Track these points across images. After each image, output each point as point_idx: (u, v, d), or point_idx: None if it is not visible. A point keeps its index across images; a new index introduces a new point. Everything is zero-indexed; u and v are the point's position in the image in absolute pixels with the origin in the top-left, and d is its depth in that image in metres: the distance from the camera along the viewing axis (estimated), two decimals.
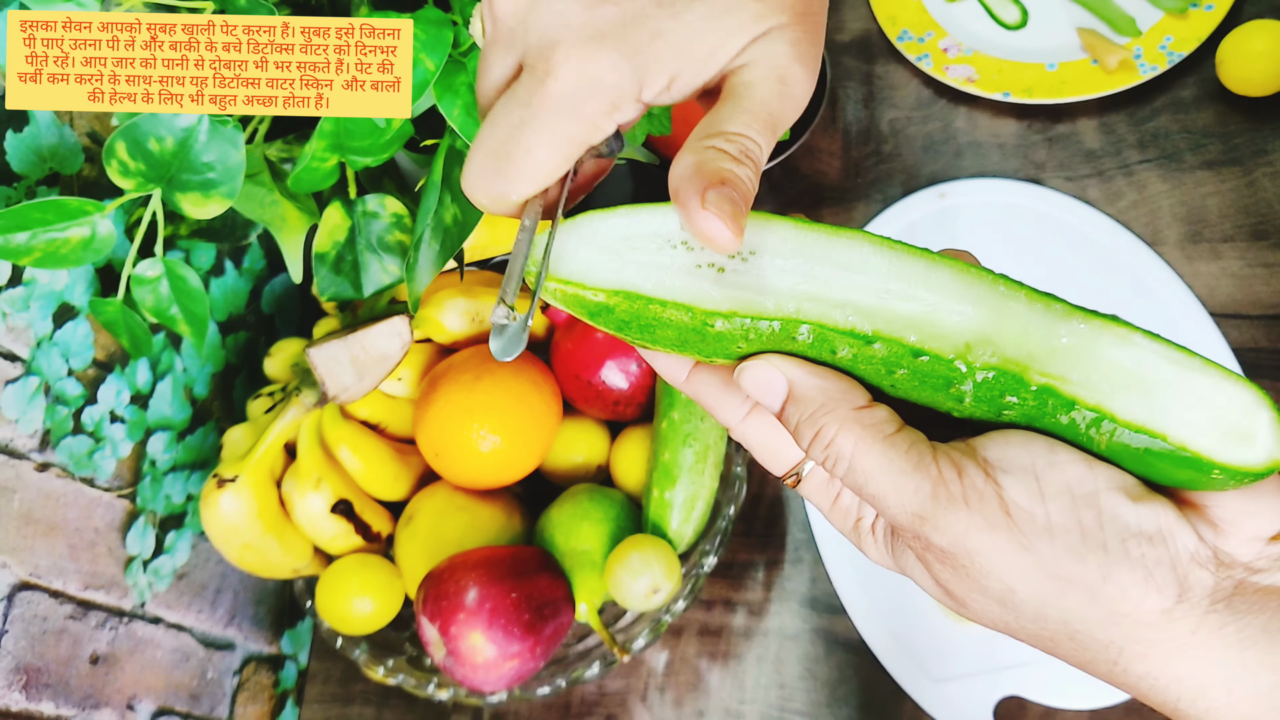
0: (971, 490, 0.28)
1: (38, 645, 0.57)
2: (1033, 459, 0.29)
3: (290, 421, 0.65)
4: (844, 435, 0.29)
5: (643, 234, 0.31)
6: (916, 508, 0.28)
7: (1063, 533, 0.28)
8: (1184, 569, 0.28)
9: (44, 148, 0.59)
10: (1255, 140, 0.69)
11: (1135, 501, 0.28)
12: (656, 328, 0.30)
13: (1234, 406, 0.28)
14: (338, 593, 0.65)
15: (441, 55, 0.48)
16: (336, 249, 0.59)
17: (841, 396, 0.30)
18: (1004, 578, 0.28)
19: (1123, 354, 0.29)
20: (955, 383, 0.29)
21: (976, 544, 0.28)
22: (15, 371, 0.56)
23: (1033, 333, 0.29)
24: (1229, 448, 0.28)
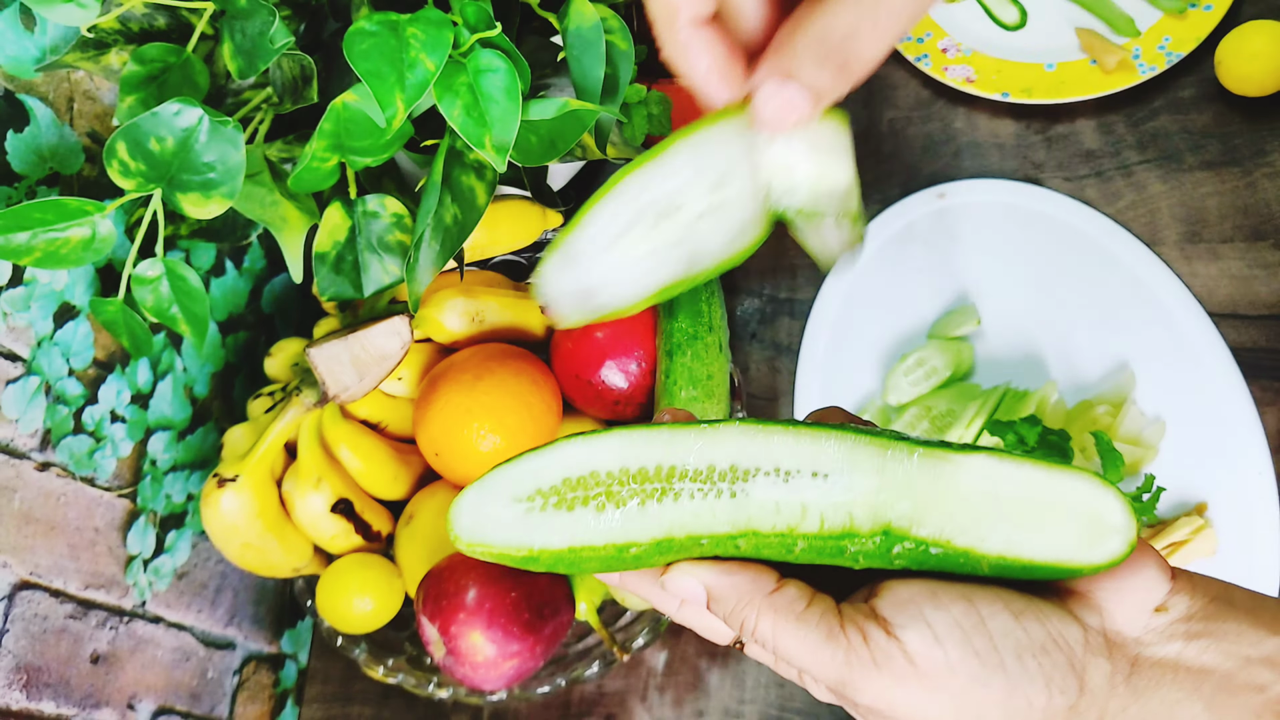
0: (878, 651, 0.31)
1: (38, 644, 0.57)
2: (920, 608, 0.31)
3: (290, 421, 0.65)
4: (762, 621, 0.32)
5: (546, 482, 0.32)
6: (835, 675, 0.31)
7: (963, 667, 0.30)
8: (1080, 663, 0.30)
9: (44, 147, 0.59)
10: (1254, 140, 0.69)
11: (1019, 619, 0.31)
12: (582, 564, 0.33)
13: (1085, 504, 0.31)
14: (338, 592, 0.66)
15: (442, 55, 0.48)
16: (337, 249, 0.59)
17: (752, 587, 0.32)
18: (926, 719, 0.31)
19: (981, 484, 0.31)
20: (846, 550, 0.32)
21: (894, 698, 0.30)
22: (16, 371, 0.56)
23: (906, 490, 0.31)
24: (1091, 548, 0.31)
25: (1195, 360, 0.64)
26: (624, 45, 0.56)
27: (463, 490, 0.33)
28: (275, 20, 0.50)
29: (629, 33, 0.56)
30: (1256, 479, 0.61)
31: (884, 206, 0.76)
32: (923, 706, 0.30)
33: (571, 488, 0.32)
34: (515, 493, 0.32)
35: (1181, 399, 0.64)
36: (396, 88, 0.48)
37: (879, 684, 0.30)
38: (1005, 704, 0.30)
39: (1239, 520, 0.61)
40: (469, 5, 0.50)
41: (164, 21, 0.57)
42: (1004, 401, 0.67)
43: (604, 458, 0.32)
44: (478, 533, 0.32)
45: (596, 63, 0.54)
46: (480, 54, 0.50)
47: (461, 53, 0.50)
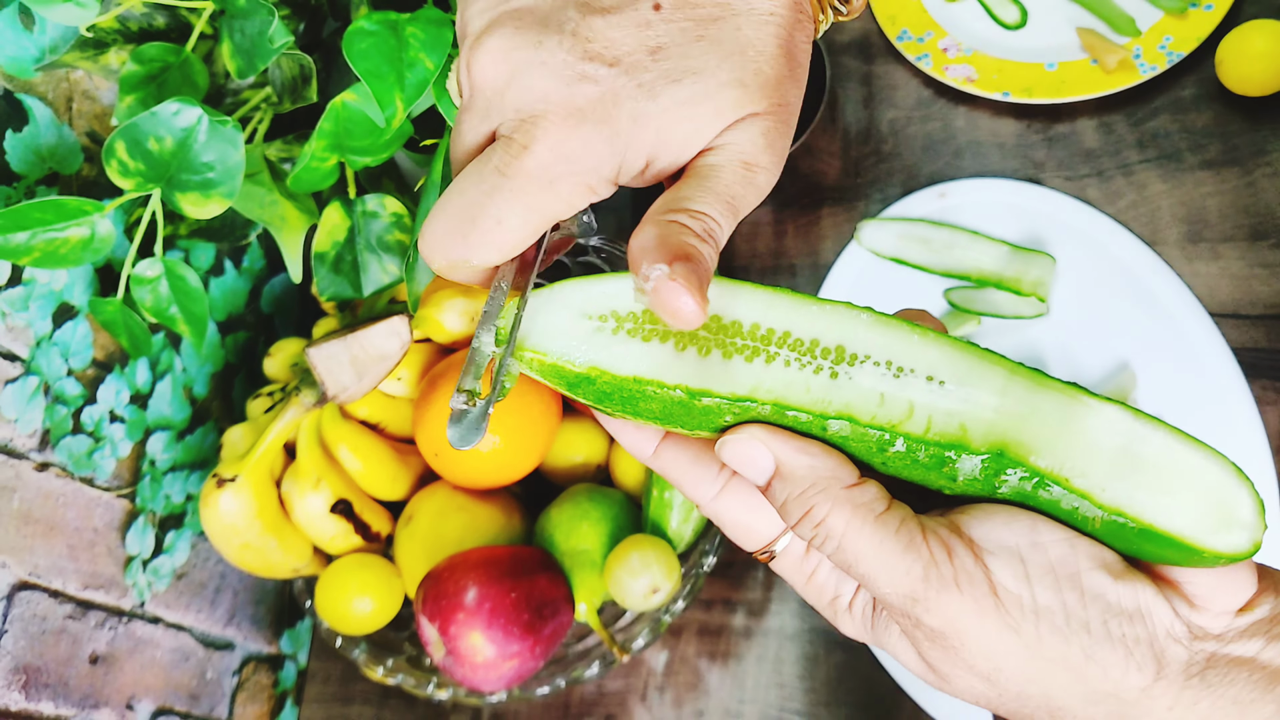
0: (962, 573, 0.28)
1: (37, 645, 0.57)
2: (1017, 540, 0.29)
3: (290, 421, 0.65)
4: (835, 515, 0.29)
5: (623, 303, 0.30)
6: (908, 589, 0.28)
7: (1048, 614, 0.28)
8: (1161, 645, 0.29)
9: (43, 147, 0.59)
10: (1255, 140, 0.69)
11: (1116, 580, 0.29)
12: (640, 400, 0.30)
13: (1218, 488, 0.29)
14: (337, 592, 0.65)
15: (441, 55, 0.48)
16: (336, 249, 0.59)
17: (831, 474, 0.29)
18: (992, 657, 0.29)
19: (1112, 436, 0.29)
20: (949, 464, 0.29)
21: (967, 626, 0.28)
22: (15, 371, 0.56)
23: (1029, 418, 0.29)
24: (1215, 534, 0.29)
25: (1196, 360, 0.64)
26: None
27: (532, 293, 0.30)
28: (274, 20, 0.50)
29: None
30: (1258, 479, 0.61)
31: (884, 206, 0.76)
32: (994, 643, 0.28)
33: (653, 320, 0.29)
34: (588, 308, 0.29)
35: (1182, 399, 0.64)
36: (396, 87, 0.48)
37: (955, 607, 0.28)
38: (1080, 667, 0.28)
39: None
40: None
41: (163, 21, 0.56)
42: None
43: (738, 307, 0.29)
44: (536, 337, 0.29)
45: None
46: None
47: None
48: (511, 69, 0.30)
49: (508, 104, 0.30)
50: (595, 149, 0.29)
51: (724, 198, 0.30)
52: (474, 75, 0.31)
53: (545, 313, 0.30)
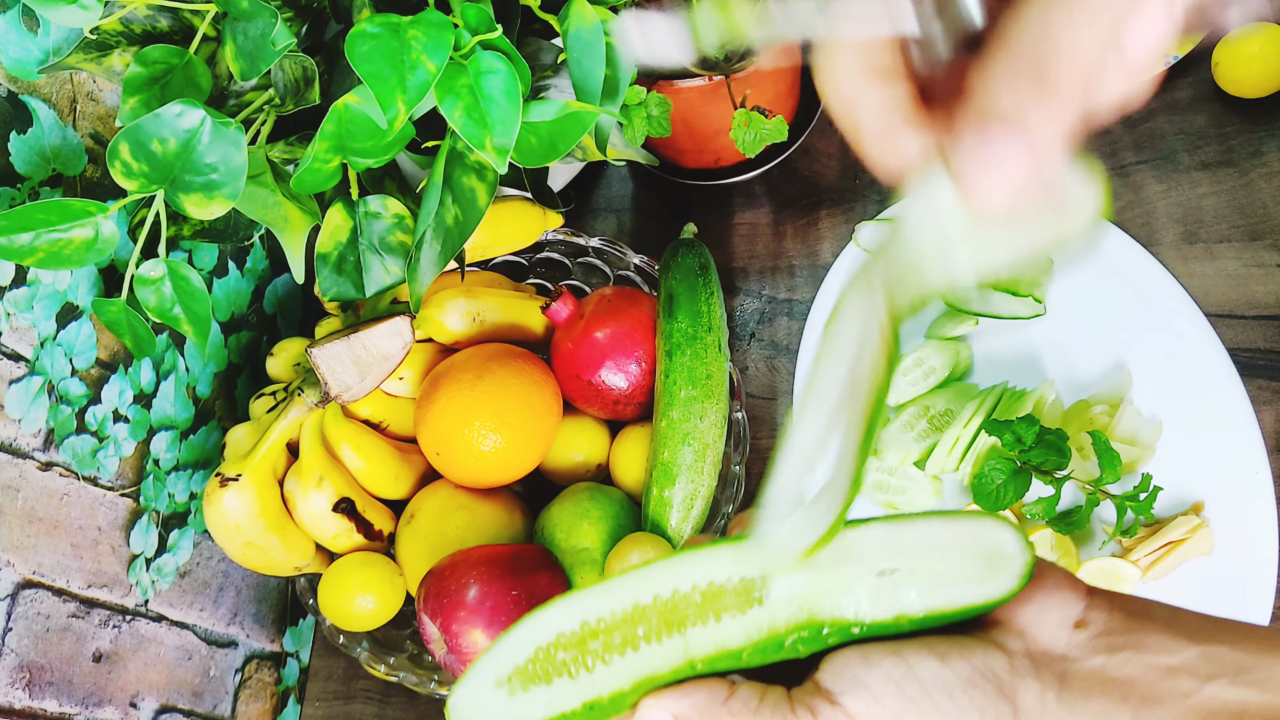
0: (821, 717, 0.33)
1: (41, 643, 0.57)
2: (855, 671, 0.33)
3: (292, 421, 0.65)
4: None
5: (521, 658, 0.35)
6: None
7: (903, 716, 0.32)
8: (1010, 688, 0.32)
9: (47, 149, 0.59)
10: (1251, 141, 0.69)
11: (944, 660, 0.32)
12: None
13: (983, 543, 0.33)
14: (340, 590, 0.66)
15: (443, 57, 0.49)
16: (339, 249, 0.59)
17: (709, 699, 0.34)
18: None
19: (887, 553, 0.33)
20: (784, 646, 0.34)
21: None
22: (19, 371, 0.56)
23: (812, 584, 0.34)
24: (994, 582, 0.33)
25: (1192, 360, 0.65)
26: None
27: (453, 686, 0.35)
28: (277, 22, 0.50)
29: None
30: (1253, 478, 0.61)
31: (883, 207, 0.77)
32: None
33: (541, 663, 0.35)
34: (497, 677, 0.35)
35: (1178, 399, 0.64)
36: (398, 89, 0.48)
37: None
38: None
39: (1236, 519, 0.62)
40: (470, 7, 0.50)
41: (166, 23, 0.57)
42: (1001, 401, 0.67)
43: (563, 619, 0.35)
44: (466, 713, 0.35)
45: (597, 64, 0.55)
46: (481, 56, 0.50)
47: (462, 55, 0.50)
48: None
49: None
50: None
51: None
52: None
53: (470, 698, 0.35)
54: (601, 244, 0.75)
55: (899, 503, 0.68)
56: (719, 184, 0.82)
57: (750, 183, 0.82)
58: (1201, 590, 0.61)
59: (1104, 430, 0.64)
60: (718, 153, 0.79)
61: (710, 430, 0.66)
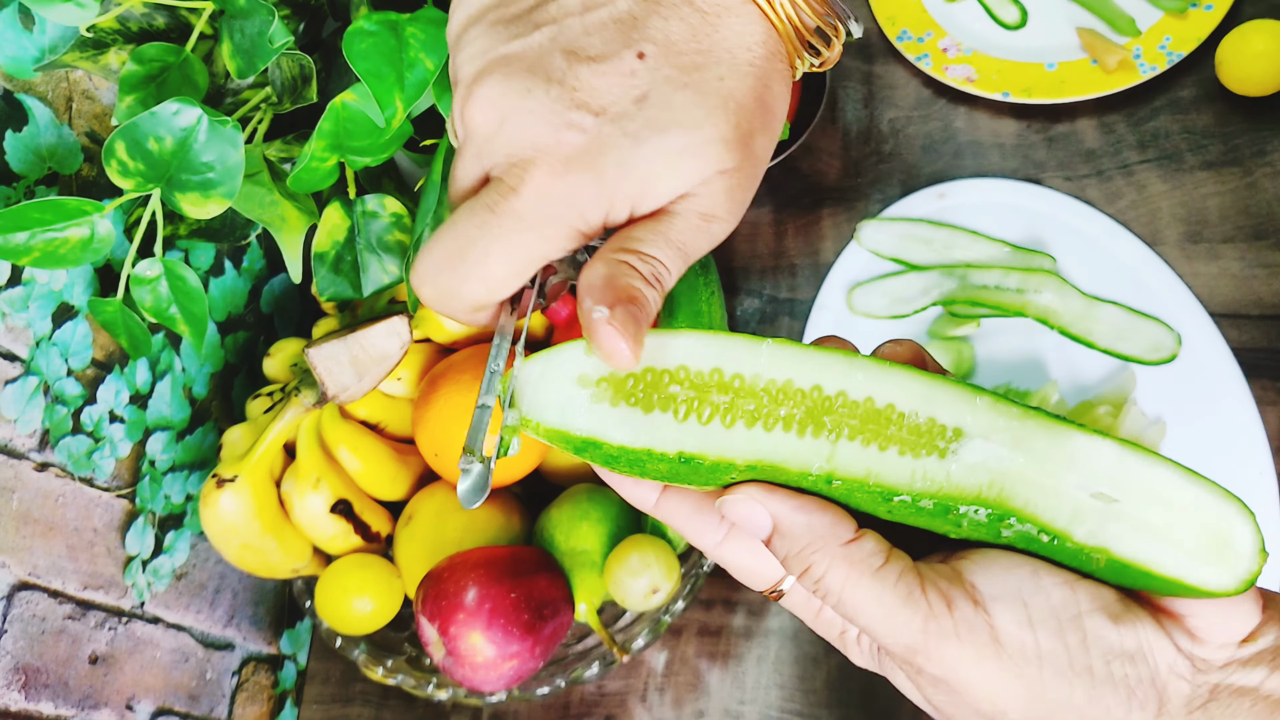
0: (962, 622, 0.29)
1: (37, 645, 0.57)
2: (1019, 585, 0.30)
3: (289, 421, 0.65)
4: (833, 572, 0.29)
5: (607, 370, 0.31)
6: (909, 640, 0.29)
7: (1051, 658, 0.29)
8: (1163, 681, 0.29)
9: (43, 147, 0.59)
10: (1255, 140, 0.69)
11: (1117, 622, 0.29)
12: (647, 463, 0.30)
13: (1213, 521, 0.29)
14: (337, 593, 0.65)
15: (441, 55, 0.48)
16: (336, 249, 0.59)
17: (828, 531, 0.30)
18: (996, 701, 0.29)
19: (1105, 475, 0.29)
20: (953, 512, 0.30)
21: (969, 673, 0.29)
22: (14, 371, 0.56)
23: (1027, 466, 0.29)
24: (1211, 570, 0.29)
25: (1196, 360, 0.64)
26: None
27: (529, 358, 0.31)
28: (274, 20, 0.50)
29: None
30: (1258, 479, 0.61)
31: (884, 206, 0.76)
32: (998, 689, 0.29)
33: (650, 385, 0.30)
34: (585, 374, 0.30)
35: (1183, 400, 0.64)
36: (396, 87, 0.48)
37: (957, 656, 0.29)
38: (1083, 709, 0.29)
39: None
40: None
41: (163, 21, 0.56)
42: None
43: (695, 353, 0.30)
44: (536, 408, 0.30)
45: None
46: None
47: None
48: (501, 116, 0.31)
49: (498, 149, 0.31)
50: (581, 194, 0.30)
51: (676, 244, 0.32)
52: (467, 121, 0.32)
53: (544, 381, 0.31)
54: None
55: None
56: None
57: None
58: None
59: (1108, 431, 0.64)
60: None
61: None
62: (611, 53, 0.30)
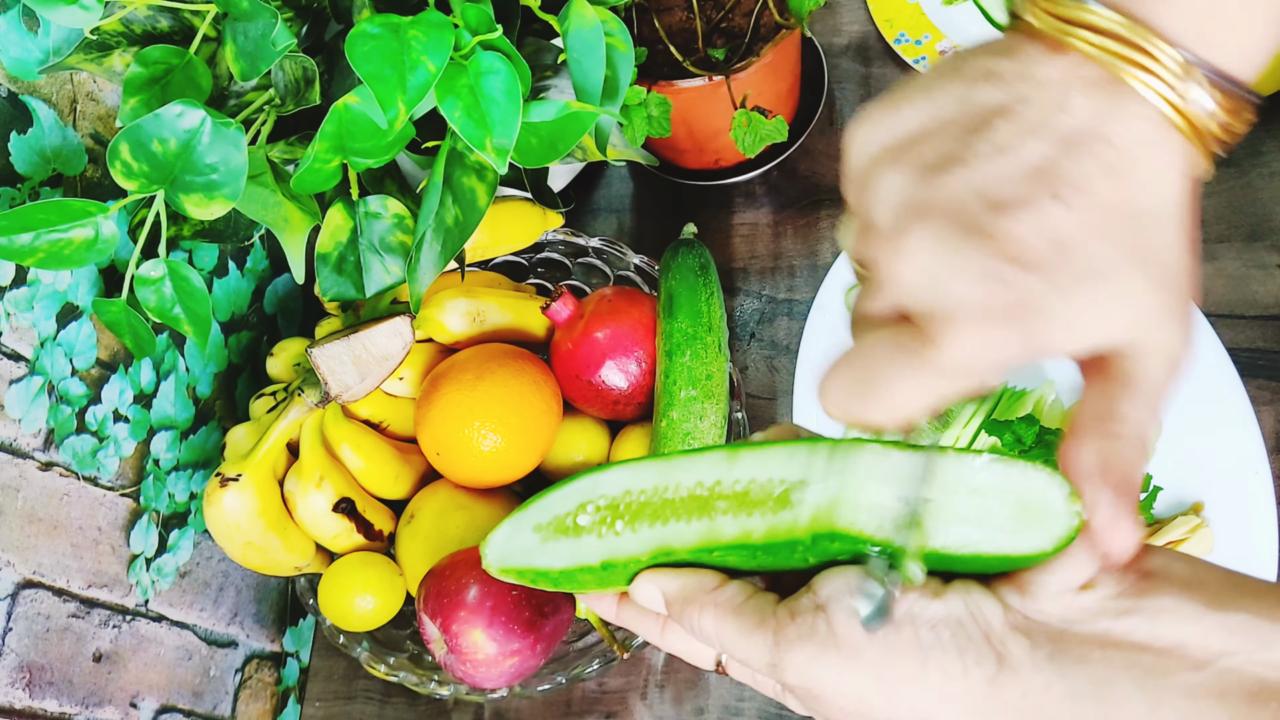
0: (804, 625, 0.32)
1: (41, 643, 0.57)
2: (848, 585, 0.32)
3: (293, 421, 0.65)
4: (705, 616, 0.34)
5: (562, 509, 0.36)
6: (768, 657, 0.32)
7: (880, 641, 0.31)
8: (999, 638, 0.31)
9: (47, 149, 0.59)
10: (1250, 141, 0.69)
11: (936, 595, 0.32)
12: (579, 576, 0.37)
13: (1025, 494, 0.31)
14: (340, 590, 0.66)
15: (443, 58, 0.49)
16: (339, 249, 0.59)
17: (698, 585, 0.34)
18: (851, 695, 0.31)
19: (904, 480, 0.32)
20: (797, 548, 0.34)
21: (818, 673, 0.31)
22: (19, 371, 0.56)
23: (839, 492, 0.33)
24: (1028, 536, 0.31)
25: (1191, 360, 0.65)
26: (624, 47, 0.56)
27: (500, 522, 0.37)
28: (277, 23, 0.50)
29: (629, 35, 0.57)
30: (1253, 478, 0.61)
31: None
32: (843, 679, 0.31)
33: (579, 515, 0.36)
34: (537, 522, 0.37)
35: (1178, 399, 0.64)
36: (398, 90, 0.48)
37: (802, 656, 0.31)
38: (920, 675, 0.30)
39: (1235, 520, 0.62)
40: (470, 7, 0.50)
41: (167, 24, 0.57)
42: (1001, 401, 0.67)
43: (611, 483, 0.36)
44: (500, 557, 0.37)
45: (597, 65, 0.55)
46: (481, 56, 0.50)
47: (463, 55, 0.50)
48: (928, 272, 0.30)
49: (920, 299, 0.30)
50: (1004, 350, 0.29)
51: (1156, 401, 0.32)
52: (892, 272, 0.31)
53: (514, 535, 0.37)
54: (601, 244, 0.75)
55: None
56: (719, 184, 0.82)
57: (750, 183, 0.82)
58: None
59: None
60: (718, 153, 0.79)
61: (710, 430, 0.66)
62: (1030, 200, 0.29)
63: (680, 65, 0.70)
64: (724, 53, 0.72)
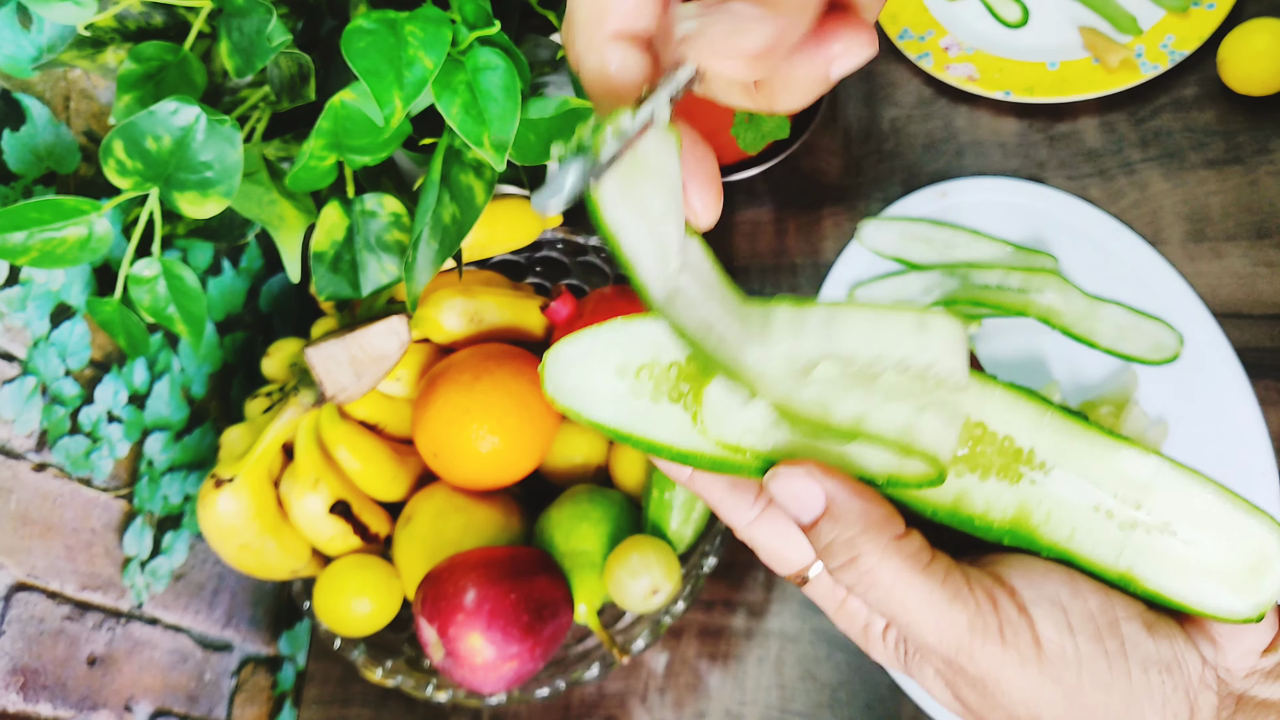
0: (1007, 624, 0.29)
1: (35, 646, 0.56)
2: (1057, 590, 0.29)
3: (288, 422, 0.64)
4: (884, 565, 0.29)
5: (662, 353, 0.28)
6: (954, 639, 0.29)
7: (1090, 664, 0.29)
8: (1195, 692, 0.29)
9: (41, 146, 0.58)
10: (1257, 139, 0.69)
11: (1151, 631, 0.29)
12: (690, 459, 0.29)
13: (1253, 553, 0.29)
14: (336, 594, 0.65)
15: (440, 54, 0.48)
16: (334, 248, 0.59)
17: (882, 522, 0.29)
18: (1032, 706, 0.29)
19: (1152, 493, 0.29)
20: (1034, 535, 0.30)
21: (1009, 676, 0.29)
22: (12, 371, 0.56)
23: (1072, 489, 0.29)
24: (1237, 599, 0.29)
25: (1198, 360, 0.64)
26: None
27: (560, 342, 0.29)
28: (272, 18, 0.50)
29: None
30: (1260, 480, 0.61)
31: (885, 205, 0.76)
32: (1036, 693, 0.29)
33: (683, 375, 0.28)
34: (625, 361, 0.28)
35: (1185, 399, 0.64)
36: (394, 86, 0.48)
37: (1000, 658, 0.28)
38: (1119, 714, 0.29)
39: None
40: (467, 3, 0.50)
41: (161, 20, 0.56)
42: None
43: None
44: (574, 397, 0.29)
45: None
46: (479, 52, 0.49)
47: (460, 51, 0.50)
48: None
49: None
50: None
51: None
52: None
53: (584, 366, 0.29)
54: (601, 243, 0.75)
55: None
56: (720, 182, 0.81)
57: (752, 180, 0.81)
58: None
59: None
60: (719, 150, 0.79)
61: None
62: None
63: None
64: None
